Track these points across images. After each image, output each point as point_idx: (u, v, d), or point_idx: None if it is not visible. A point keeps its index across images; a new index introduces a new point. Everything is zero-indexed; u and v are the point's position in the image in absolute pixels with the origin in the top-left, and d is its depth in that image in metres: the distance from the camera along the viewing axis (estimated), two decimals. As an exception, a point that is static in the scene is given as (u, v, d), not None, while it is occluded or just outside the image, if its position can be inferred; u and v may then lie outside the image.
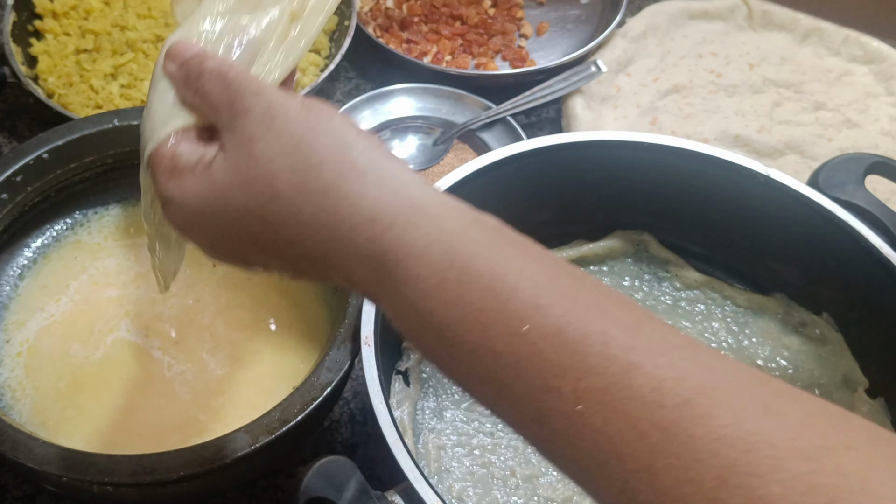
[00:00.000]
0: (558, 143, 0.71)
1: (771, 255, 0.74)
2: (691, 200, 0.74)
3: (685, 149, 0.70)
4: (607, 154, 0.72)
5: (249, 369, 0.72)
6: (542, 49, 1.04)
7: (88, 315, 0.74)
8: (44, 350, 0.72)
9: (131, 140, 0.76)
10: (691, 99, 0.95)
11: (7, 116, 0.95)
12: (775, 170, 0.69)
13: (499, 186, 0.71)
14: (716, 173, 0.71)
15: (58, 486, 0.63)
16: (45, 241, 0.78)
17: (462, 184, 0.68)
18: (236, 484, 0.69)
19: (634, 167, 0.72)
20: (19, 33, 0.92)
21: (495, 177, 0.70)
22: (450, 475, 0.65)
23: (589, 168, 0.73)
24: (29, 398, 0.69)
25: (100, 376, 0.71)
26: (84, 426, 0.68)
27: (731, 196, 0.72)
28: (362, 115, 0.94)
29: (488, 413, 0.68)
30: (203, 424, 0.69)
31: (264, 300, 0.76)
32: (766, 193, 0.70)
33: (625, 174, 0.73)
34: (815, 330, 0.72)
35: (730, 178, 0.71)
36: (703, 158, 0.71)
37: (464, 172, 0.69)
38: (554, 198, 0.75)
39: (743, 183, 0.70)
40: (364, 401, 0.76)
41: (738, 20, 1.02)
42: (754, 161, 0.70)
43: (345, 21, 0.97)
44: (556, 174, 0.73)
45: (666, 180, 0.73)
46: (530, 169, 0.72)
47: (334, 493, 0.54)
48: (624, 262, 0.78)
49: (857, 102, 0.95)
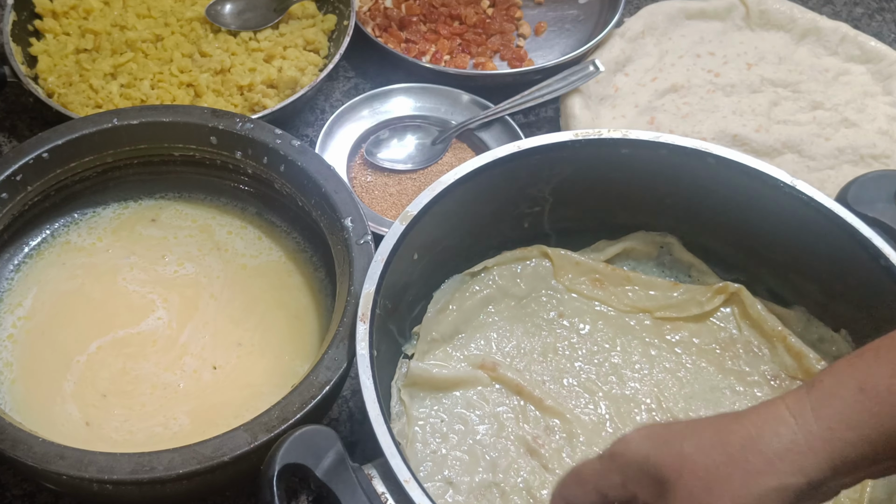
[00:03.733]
0: (559, 143, 0.71)
1: (793, 268, 0.73)
2: (714, 205, 0.73)
3: (706, 151, 0.70)
4: (622, 154, 0.71)
5: (248, 368, 0.73)
6: (541, 49, 1.04)
7: (88, 313, 0.74)
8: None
9: (131, 139, 0.77)
10: (689, 98, 0.96)
11: (7, 116, 0.95)
12: (801, 181, 0.68)
13: (498, 186, 0.71)
14: (738, 179, 0.70)
15: (57, 485, 0.63)
16: (45, 239, 0.78)
17: (461, 183, 0.68)
18: (235, 482, 0.69)
19: (655, 169, 0.72)
20: (19, 33, 0.93)
21: (553, 157, 0.71)
22: (444, 461, 0.65)
23: (601, 168, 0.73)
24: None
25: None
26: (53, 409, 0.69)
27: (753, 203, 0.71)
28: (361, 115, 0.94)
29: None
30: (199, 422, 0.69)
31: (262, 301, 0.76)
32: (789, 203, 0.68)
33: (645, 176, 0.73)
34: (833, 347, 0.71)
35: (753, 185, 0.69)
36: (726, 163, 0.69)
37: (463, 172, 0.69)
38: (561, 197, 0.75)
39: (766, 191, 0.69)
40: (364, 400, 0.76)
41: (736, 20, 1.02)
42: (779, 170, 0.69)
43: (343, 21, 0.97)
44: (555, 175, 0.73)
45: (688, 183, 0.72)
46: (591, 158, 0.72)
47: (312, 460, 0.54)
48: (646, 263, 0.78)
49: (854, 102, 0.96)
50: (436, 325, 0.71)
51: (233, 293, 0.76)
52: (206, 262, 0.78)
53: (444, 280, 0.73)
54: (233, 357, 0.73)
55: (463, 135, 0.93)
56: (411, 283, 0.69)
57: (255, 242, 0.80)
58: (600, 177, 0.73)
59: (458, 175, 0.68)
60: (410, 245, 0.66)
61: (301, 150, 0.75)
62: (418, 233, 0.66)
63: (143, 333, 0.74)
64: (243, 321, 0.75)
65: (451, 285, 0.73)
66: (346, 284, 0.67)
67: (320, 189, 0.73)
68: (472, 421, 0.67)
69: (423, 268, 0.70)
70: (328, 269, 0.76)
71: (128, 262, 0.77)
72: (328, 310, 0.75)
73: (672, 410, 0.69)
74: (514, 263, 0.75)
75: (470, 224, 0.72)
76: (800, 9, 1.02)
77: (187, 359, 0.72)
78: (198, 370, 0.72)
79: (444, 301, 0.72)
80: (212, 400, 0.70)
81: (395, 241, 0.64)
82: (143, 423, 0.69)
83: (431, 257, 0.70)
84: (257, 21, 0.98)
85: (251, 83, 0.91)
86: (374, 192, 0.90)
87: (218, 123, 0.76)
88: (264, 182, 0.78)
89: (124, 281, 0.76)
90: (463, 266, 0.74)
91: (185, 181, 0.81)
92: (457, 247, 0.73)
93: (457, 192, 0.68)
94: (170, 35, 0.95)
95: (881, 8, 1.12)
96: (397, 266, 0.65)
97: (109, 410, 0.69)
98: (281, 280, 0.78)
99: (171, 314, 0.74)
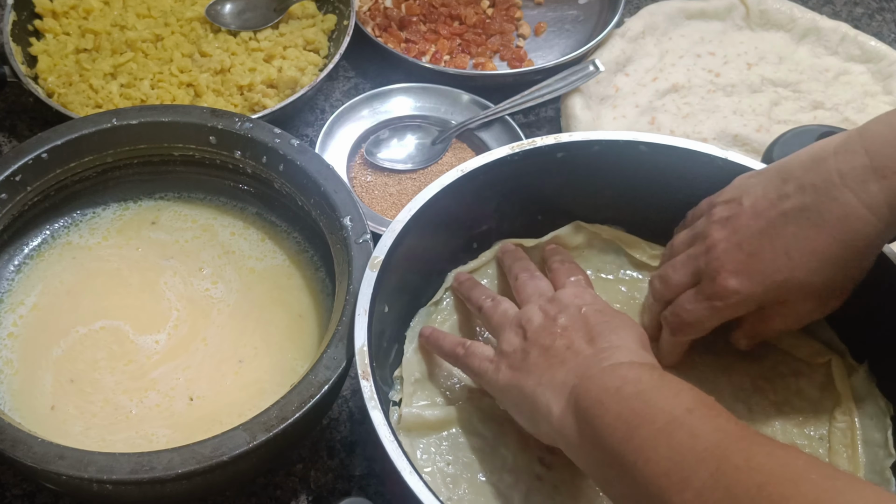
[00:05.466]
0: (561, 142, 0.71)
1: None
2: (652, 189, 0.72)
3: (703, 153, 0.70)
4: (619, 154, 0.71)
5: (246, 368, 0.72)
6: (540, 49, 1.04)
7: (87, 313, 0.74)
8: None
9: (130, 139, 0.77)
10: (690, 98, 0.96)
11: (7, 116, 0.95)
12: (732, 152, 0.69)
13: (498, 185, 0.71)
14: (673, 162, 0.70)
15: (57, 485, 0.63)
16: (44, 240, 0.78)
17: (460, 183, 0.68)
18: (235, 482, 0.69)
19: (650, 169, 0.71)
20: (19, 33, 0.93)
21: (494, 176, 0.70)
22: None
23: (601, 168, 0.72)
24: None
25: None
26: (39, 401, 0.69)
27: (690, 181, 0.70)
28: (361, 115, 0.94)
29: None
30: (197, 421, 0.69)
31: (266, 308, 0.76)
32: (725, 177, 0.67)
33: (641, 176, 0.72)
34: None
35: (686, 164, 0.70)
36: (657, 149, 0.70)
37: (462, 171, 0.69)
38: (507, 212, 0.74)
39: (704, 170, 0.69)
40: (363, 399, 0.76)
41: (736, 20, 1.02)
42: (711, 146, 0.69)
43: (343, 20, 0.97)
44: (499, 192, 0.72)
45: (624, 173, 0.72)
46: (531, 168, 0.71)
47: None
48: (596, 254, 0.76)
49: (854, 101, 0.96)
50: (416, 364, 0.68)
51: (241, 305, 0.75)
52: (226, 274, 0.77)
53: (410, 319, 0.71)
54: (230, 374, 0.72)
55: (463, 135, 0.93)
56: (384, 329, 0.67)
57: (258, 244, 0.80)
58: (541, 185, 0.73)
59: (459, 174, 0.68)
60: (383, 289, 0.64)
61: (300, 150, 0.75)
62: (385, 276, 0.64)
63: (135, 345, 0.72)
64: (247, 332, 0.74)
65: (419, 321, 0.71)
66: (346, 283, 0.67)
67: (320, 188, 0.73)
68: (477, 459, 0.65)
69: (394, 313, 0.68)
70: (328, 268, 0.76)
71: (127, 262, 0.77)
72: (328, 310, 0.74)
73: None
74: None
75: (427, 257, 0.71)
76: (800, 8, 1.02)
77: (152, 393, 0.70)
78: (161, 405, 0.70)
79: (418, 338, 0.70)
80: (207, 398, 0.70)
81: (372, 288, 0.63)
82: (92, 429, 0.68)
83: (398, 297, 0.69)
84: (257, 21, 0.98)
85: (251, 83, 0.91)
86: (374, 191, 0.90)
87: (217, 123, 0.76)
88: (264, 182, 0.78)
89: (124, 280, 0.76)
90: (423, 300, 0.72)
91: (184, 181, 0.81)
92: (415, 283, 0.71)
93: (457, 191, 0.68)
94: (170, 35, 0.95)
95: (881, 8, 1.12)
96: (375, 314, 0.63)
97: (69, 400, 0.69)
98: (284, 282, 0.77)
99: (170, 341, 0.73)
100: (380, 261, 0.65)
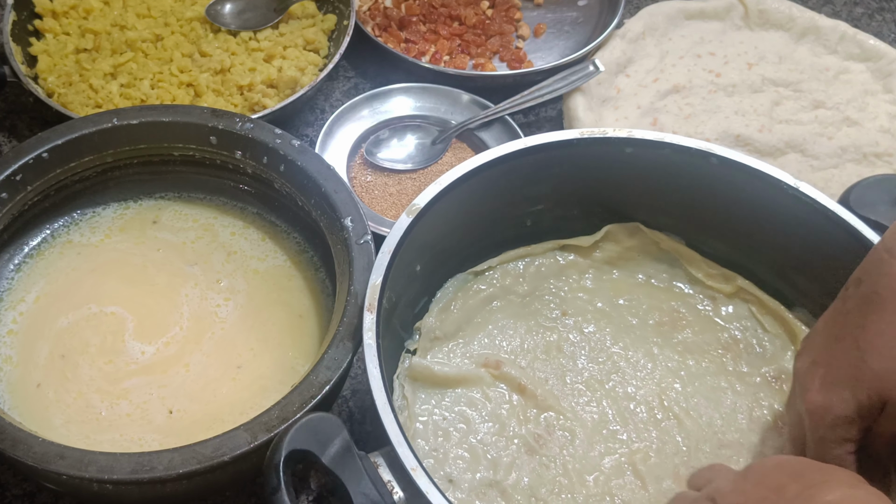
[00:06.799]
0: (564, 140, 0.71)
1: (795, 268, 0.73)
2: (717, 205, 0.73)
3: (709, 151, 0.70)
4: (625, 153, 0.71)
5: (246, 371, 0.72)
6: (540, 50, 1.04)
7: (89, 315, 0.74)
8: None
9: (130, 139, 0.77)
10: (691, 99, 0.96)
11: (7, 116, 0.95)
12: (804, 183, 0.68)
13: (500, 184, 0.71)
14: (741, 180, 0.70)
15: (58, 484, 0.63)
16: (44, 238, 0.78)
17: (460, 182, 0.68)
18: (235, 482, 0.69)
19: (658, 168, 0.72)
20: (19, 33, 0.93)
21: (557, 155, 0.70)
22: (446, 458, 0.65)
23: (603, 167, 0.72)
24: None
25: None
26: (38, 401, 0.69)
27: (756, 204, 0.70)
28: (361, 115, 0.94)
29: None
30: (197, 421, 0.69)
31: (261, 304, 0.76)
32: (791, 205, 0.68)
33: (648, 175, 0.72)
34: None
35: (756, 185, 0.69)
36: (729, 164, 0.69)
37: (462, 171, 0.69)
38: (562, 196, 0.75)
39: (769, 192, 0.69)
40: (364, 399, 0.76)
41: (735, 20, 1.02)
42: (782, 171, 0.69)
43: (343, 20, 0.97)
44: (558, 173, 0.73)
45: (690, 183, 0.72)
46: (595, 157, 0.72)
47: (318, 447, 0.54)
48: (647, 260, 0.77)
49: (855, 100, 0.96)
50: (439, 323, 0.71)
51: (243, 314, 0.75)
52: (237, 284, 0.77)
53: (445, 279, 0.73)
54: (227, 381, 0.72)
55: (463, 135, 0.93)
56: (414, 279, 0.69)
57: (259, 244, 0.80)
58: (603, 176, 0.73)
59: (465, 170, 0.68)
60: (415, 241, 0.65)
61: (301, 150, 0.75)
62: (422, 229, 0.66)
63: (124, 346, 0.72)
64: (249, 333, 0.74)
65: (455, 284, 0.73)
66: (346, 284, 0.67)
67: (320, 189, 0.73)
68: (474, 419, 0.67)
69: (424, 265, 0.70)
70: (328, 269, 0.76)
71: (127, 261, 0.77)
72: (328, 310, 0.74)
73: (673, 409, 0.69)
74: (518, 261, 0.75)
75: (471, 223, 0.72)
76: (798, 8, 1.02)
77: (123, 403, 0.69)
78: (132, 414, 0.69)
79: (447, 300, 0.72)
80: (206, 397, 0.70)
81: (403, 233, 0.64)
82: (72, 424, 0.68)
83: (433, 256, 0.70)
84: (257, 21, 0.98)
85: (251, 83, 0.91)
86: (374, 191, 0.89)
87: (218, 123, 0.76)
88: (264, 182, 0.78)
89: (124, 280, 0.76)
90: (464, 265, 0.74)
91: (184, 181, 0.81)
92: (457, 246, 0.73)
93: (461, 188, 0.68)
94: (170, 35, 0.95)
95: (881, 8, 1.12)
96: (402, 260, 0.64)
97: (52, 380, 0.69)
98: (284, 283, 0.77)
99: (155, 356, 0.72)
100: (418, 208, 0.65)
